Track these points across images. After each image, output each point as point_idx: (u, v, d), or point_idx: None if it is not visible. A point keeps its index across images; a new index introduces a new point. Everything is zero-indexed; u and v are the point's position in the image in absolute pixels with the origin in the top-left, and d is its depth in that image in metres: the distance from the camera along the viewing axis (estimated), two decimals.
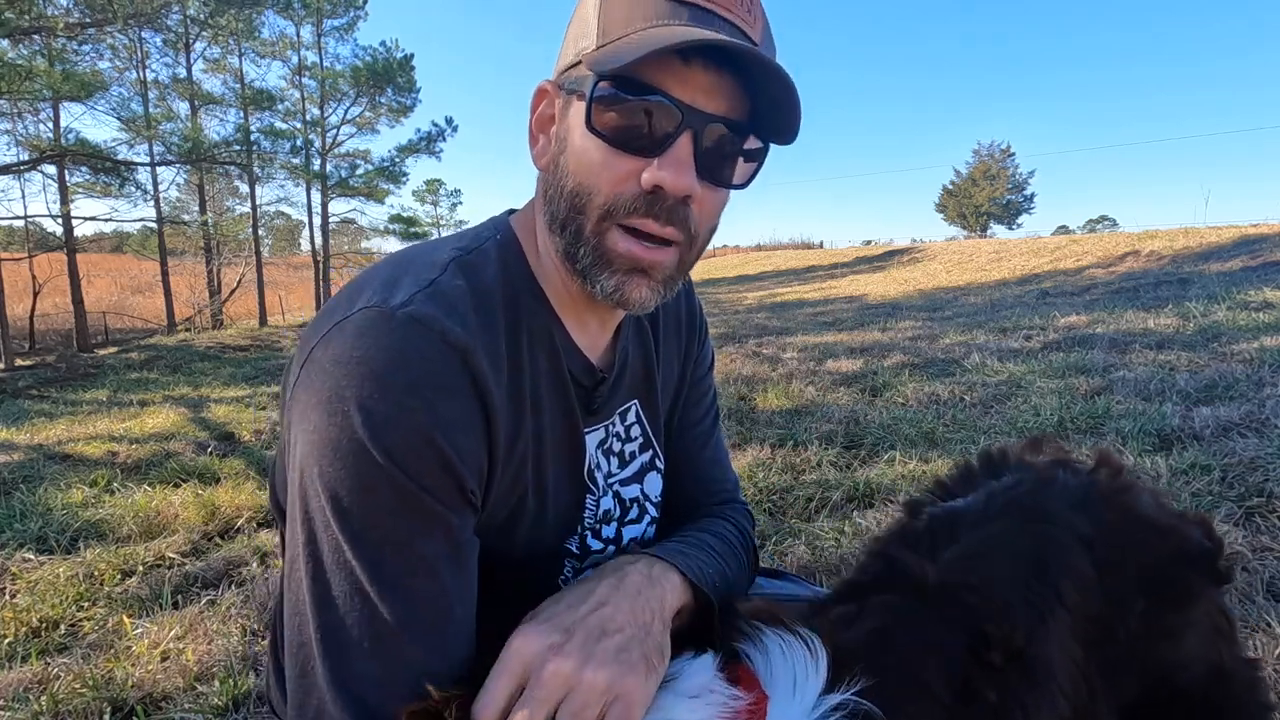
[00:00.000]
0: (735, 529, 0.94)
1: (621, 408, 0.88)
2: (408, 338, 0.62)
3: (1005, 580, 0.76)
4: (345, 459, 0.60)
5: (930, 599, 0.75)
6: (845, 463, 3.11)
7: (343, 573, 0.61)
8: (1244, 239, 11.42)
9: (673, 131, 0.64)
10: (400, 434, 0.60)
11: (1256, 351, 4.24)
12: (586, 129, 0.65)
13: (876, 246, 32.96)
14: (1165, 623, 0.81)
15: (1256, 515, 2.18)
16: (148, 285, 23.81)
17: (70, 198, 14.95)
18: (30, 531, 2.91)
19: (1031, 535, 0.81)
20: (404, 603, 0.61)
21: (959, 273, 15.39)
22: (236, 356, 11.60)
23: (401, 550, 0.61)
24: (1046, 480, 0.90)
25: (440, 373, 0.63)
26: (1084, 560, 0.78)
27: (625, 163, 0.65)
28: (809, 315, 10.20)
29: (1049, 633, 0.73)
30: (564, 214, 0.69)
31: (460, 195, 35.23)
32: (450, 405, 0.63)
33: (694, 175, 0.65)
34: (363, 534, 0.60)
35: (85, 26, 11.47)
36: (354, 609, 0.60)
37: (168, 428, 5.15)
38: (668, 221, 0.66)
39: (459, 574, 0.65)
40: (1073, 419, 3.34)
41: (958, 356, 5.26)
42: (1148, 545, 0.83)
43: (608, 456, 0.86)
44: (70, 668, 1.86)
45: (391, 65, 18.91)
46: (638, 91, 0.63)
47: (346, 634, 0.60)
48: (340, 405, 0.60)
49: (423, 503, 0.61)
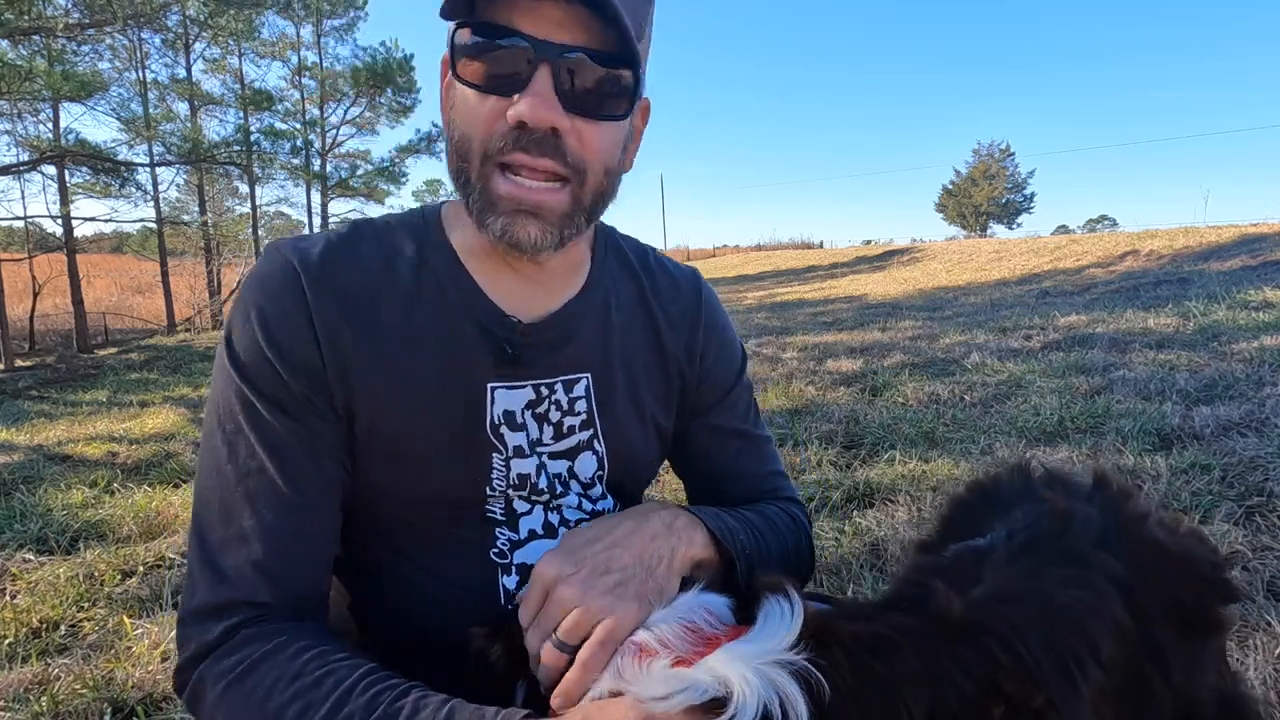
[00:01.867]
0: (783, 513, 0.96)
1: (567, 376, 0.86)
2: (267, 258, 0.77)
3: (1033, 631, 0.70)
4: (218, 356, 0.76)
5: (950, 633, 0.70)
6: (845, 462, 3.11)
7: (210, 457, 0.73)
8: (1244, 238, 11.41)
9: (527, 67, 0.67)
10: (241, 336, 0.73)
11: (1256, 351, 4.24)
12: (454, 78, 0.71)
13: (876, 246, 32.92)
14: (1193, 658, 0.77)
15: (1257, 514, 2.18)
16: (148, 286, 23.80)
17: (70, 198, 14.94)
18: (30, 532, 2.90)
19: (1064, 581, 0.75)
20: (245, 479, 0.71)
21: (959, 272, 15.38)
22: None
23: (244, 436, 0.72)
24: (1066, 515, 0.83)
25: (277, 287, 0.74)
26: (1120, 608, 0.73)
27: (492, 103, 0.69)
28: (809, 315, 10.20)
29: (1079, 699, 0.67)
30: (456, 166, 0.75)
31: None
32: (281, 315, 0.73)
33: (556, 107, 0.67)
34: (223, 419, 0.73)
35: (85, 27, 11.46)
36: (211, 486, 0.73)
37: (168, 428, 5.16)
38: (540, 154, 0.69)
39: (301, 469, 0.73)
40: (1073, 419, 3.34)
41: (958, 356, 5.26)
42: (1172, 579, 0.78)
43: (540, 423, 0.84)
44: (70, 668, 1.86)
45: (391, 65, 18.91)
46: (491, 34, 0.67)
47: (207, 507, 0.72)
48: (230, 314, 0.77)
49: (257, 399, 0.72)
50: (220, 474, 0.72)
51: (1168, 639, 0.75)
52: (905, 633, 0.69)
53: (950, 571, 0.79)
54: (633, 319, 0.92)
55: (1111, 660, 0.70)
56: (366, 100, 19.69)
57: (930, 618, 0.71)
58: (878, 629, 0.69)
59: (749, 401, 1.04)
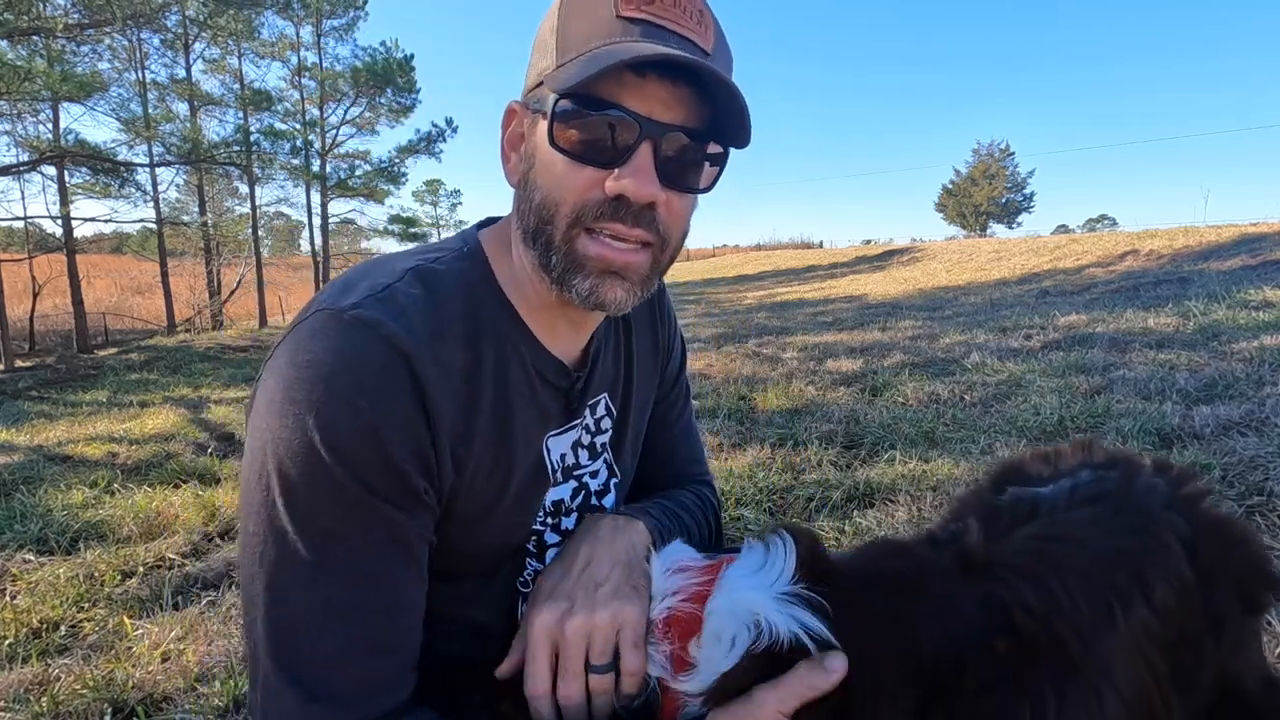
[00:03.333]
0: (700, 496, 1.04)
1: (593, 401, 0.91)
2: (353, 339, 0.66)
3: (1074, 568, 0.70)
4: (295, 457, 0.63)
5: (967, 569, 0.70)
6: (845, 462, 3.11)
7: (292, 565, 0.64)
8: (1244, 238, 11.41)
9: (632, 142, 0.67)
10: (344, 433, 0.63)
11: (1256, 350, 4.24)
12: (549, 145, 0.69)
13: (876, 246, 32.95)
14: (1245, 631, 0.77)
15: (1257, 514, 2.18)
16: (147, 286, 23.81)
17: (70, 199, 14.94)
18: (31, 533, 2.90)
19: (1126, 528, 0.74)
20: (351, 588, 0.64)
21: (959, 272, 15.38)
22: (236, 357, 11.59)
23: (346, 542, 0.64)
24: (1134, 475, 0.81)
25: (383, 374, 0.66)
26: (1184, 564, 0.72)
27: (588, 174, 0.69)
28: (809, 315, 10.20)
29: (1112, 633, 0.67)
30: (534, 226, 0.73)
31: (460, 196, 35.39)
32: (394, 406, 0.66)
33: (656, 182, 0.69)
34: (310, 527, 0.64)
35: (84, 27, 11.46)
36: (301, 596, 0.63)
37: (168, 429, 5.16)
38: (635, 225, 0.70)
39: (406, 566, 0.68)
40: (1073, 418, 3.34)
41: (958, 356, 5.26)
42: (1233, 554, 0.77)
43: (576, 450, 0.89)
44: (71, 669, 1.86)
45: (391, 66, 18.89)
46: (596, 107, 0.67)
47: (293, 618, 0.63)
48: (291, 406, 0.64)
49: (366, 499, 0.65)
50: (309, 583, 0.63)
51: (1228, 607, 0.74)
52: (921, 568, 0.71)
53: (1002, 513, 0.79)
54: (621, 328, 0.97)
55: (1165, 607, 0.68)
56: (366, 100, 19.67)
57: (954, 554, 0.72)
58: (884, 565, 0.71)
59: (688, 387, 1.12)
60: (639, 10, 0.66)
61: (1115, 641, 0.67)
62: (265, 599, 0.64)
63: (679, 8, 0.68)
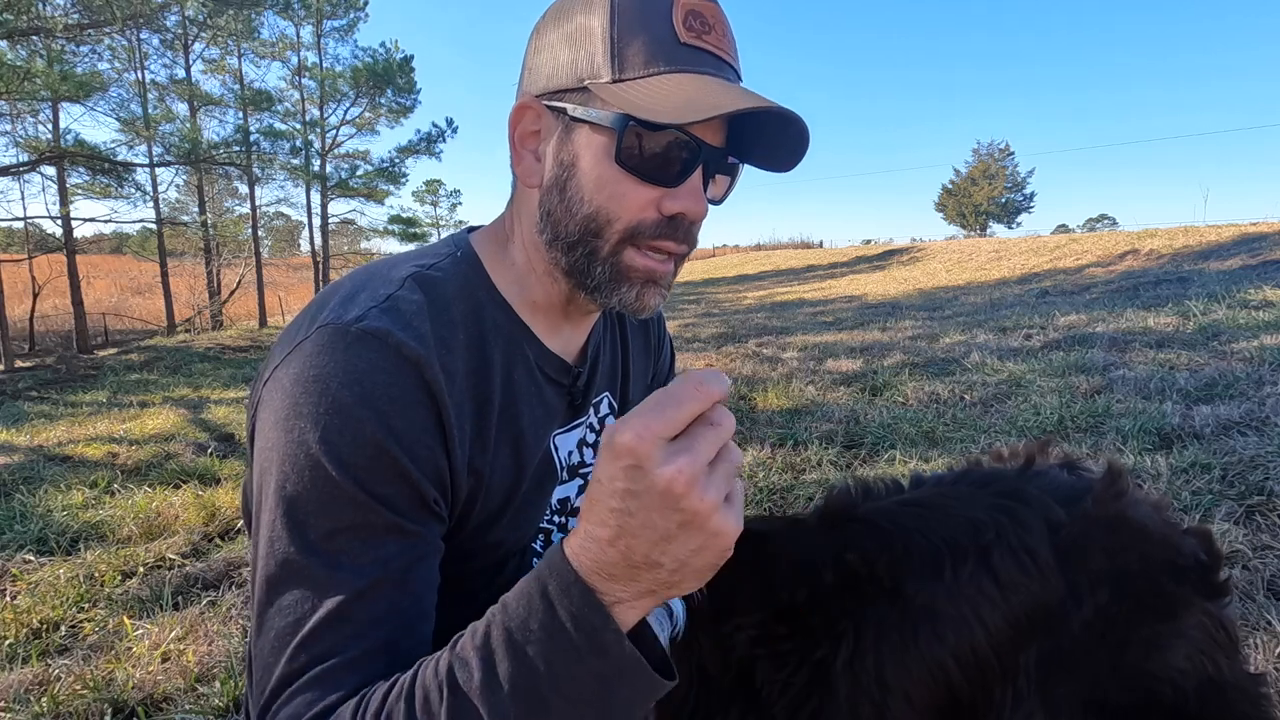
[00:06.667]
0: None
1: (596, 399, 0.92)
2: (361, 352, 0.64)
3: (920, 531, 0.79)
4: (303, 474, 0.62)
5: (826, 523, 0.82)
6: (845, 462, 3.11)
7: (302, 579, 0.62)
8: (1244, 237, 11.41)
9: (692, 165, 0.70)
10: (355, 447, 0.62)
11: (1256, 350, 4.24)
12: (614, 162, 0.69)
13: (876, 246, 32.95)
14: (1148, 632, 0.77)
15: (1257, 513, 2.18)
16: (147, 286, 23.81)
17: (69, 199, 14.94)
18: (31, 533, 2.91)
19: (990, 505, 0.80)
20: (360, 598, 0.62)
21: (958, 272, 15.38)
22: (236, 357, 11.60)
23: (358, 558, 0.63)
24: (1037, 471, 0.88)
25: (393, 384, 0.65)
26: (1043, 543, 0.77)
27: (646, 192, 0.70)
28: (809, 315, 10.20)
29: (936, 580, 0.76)
30: (576, 235, 0.73)
31: (460, 195, 35.20)
32: (404, 416, 0.65)
33: (705, 201, 0.72)
34: (320, 544, 0.62)
35: (83, 28, 11.45)
36: (309, 607, 0.61)
37: (168, 429, 5.16)
38: (683, 241, 0.74)
39: (419, 577, 0.67)
40: (1073, 418, 3.34)
41: (958, 356, 5.26)
42: (1134, 550, 0.79)
43: (582, 449, 0.91)
44: (71, 669, 1.86)
45: (391, 66, 18.89)
46: (659, 129, 0.68)
47: (300, 629, 0.61)
48: (298, 422, 0.62)
49: (379, 514, 0.63)
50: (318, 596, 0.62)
51: (1094, 587, 0.77)
52: (790, 523, 0.85)
53: (887, 485, 0.91)
54: (617, 328, 0.98)
55: (1008, 576, 0.76)
56: (366, 101, 19.66)
57: (818, 512, 0.87)
58: (758, 525, 0.84)
59: None
60: (700, 40, 0.68)
61: (941, 590, 0.76)
62: (274, 611, 0.63)
63: (726, 38, 0.71)
